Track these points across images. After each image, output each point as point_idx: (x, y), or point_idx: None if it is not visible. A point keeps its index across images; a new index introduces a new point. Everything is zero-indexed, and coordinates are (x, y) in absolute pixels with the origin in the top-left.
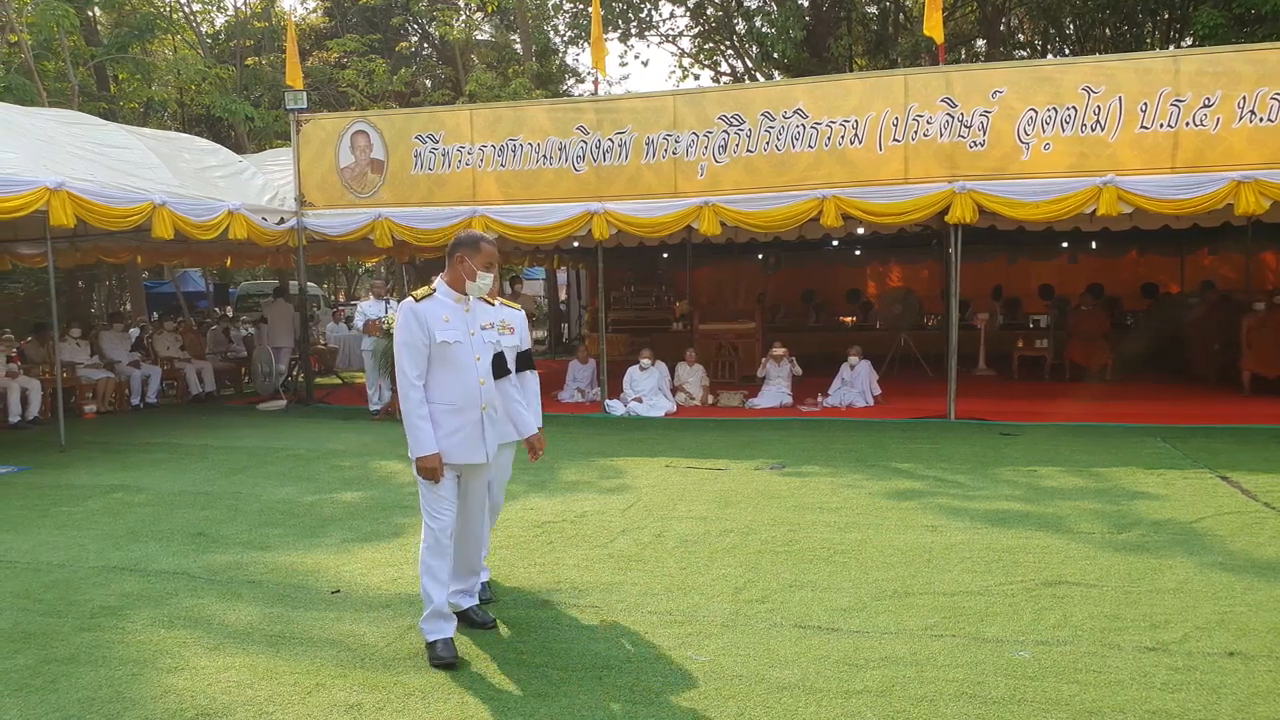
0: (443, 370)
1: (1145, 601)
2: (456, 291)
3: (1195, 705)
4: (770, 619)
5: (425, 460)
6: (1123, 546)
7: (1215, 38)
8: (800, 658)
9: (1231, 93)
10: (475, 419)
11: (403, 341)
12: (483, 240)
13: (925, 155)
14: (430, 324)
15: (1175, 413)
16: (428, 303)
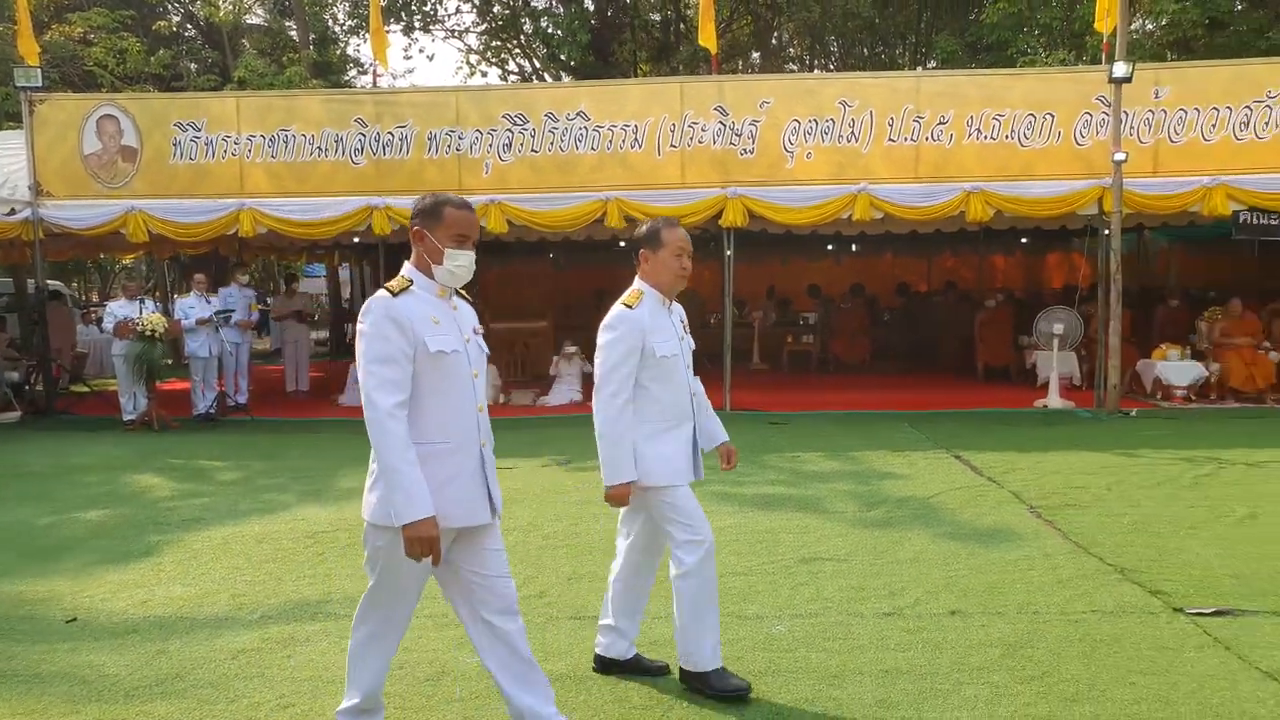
0: (432, 393)
1: (887, 572)
2: (430, 280)
3: (921, 661)
4: (548, 613)
5: (420, 528)
6: (871, 523)
7: (952, 62)
8: (574, 648)
9: (962, 112)
10: (474, 463)
11: (376, 357)
12: (448, 204)
13: (700, 161)
14: (416, 328)
15: (922, 400)
16: (408, 298)
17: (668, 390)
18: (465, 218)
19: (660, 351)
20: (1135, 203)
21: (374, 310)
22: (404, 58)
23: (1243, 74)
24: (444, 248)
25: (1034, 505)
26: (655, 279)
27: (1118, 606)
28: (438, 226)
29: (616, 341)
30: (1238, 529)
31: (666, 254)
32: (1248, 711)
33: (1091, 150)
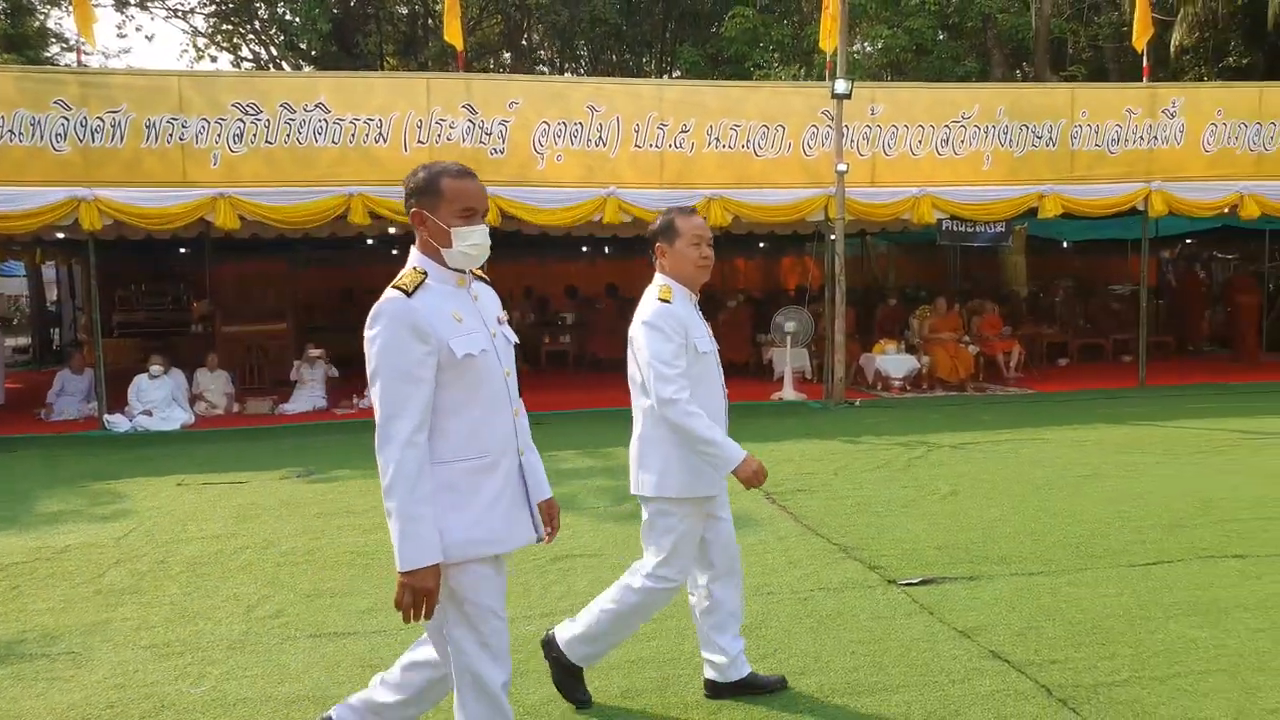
0: (463, 402)
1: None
2: (444, 268)
3: (666, 648)
4: (284, 633)
5: (422, 577)
6: (622, 517)
7: (695, 72)
8: (313, 668)
9: (703, 121)
10: (516, 476)
11: (393, 373)
12: (444, 175)
13: (449, 159)
14: (438, 330)
15: None
16: (425, 296)
17: (703, 390)
18: (468, 187)
19: (701, 347)
20: (856, 210)
21: (387, 316)
22: (118, 35)
23: (943, 96)
24: (449, 227)
25: (770, 492)
26: (676, 272)
27: (842, 582)
28: (438, 203)
29: (665, 338)
30: (941, 505)
31: (683, 244)
32: (945, 667)
33: (818, 161)
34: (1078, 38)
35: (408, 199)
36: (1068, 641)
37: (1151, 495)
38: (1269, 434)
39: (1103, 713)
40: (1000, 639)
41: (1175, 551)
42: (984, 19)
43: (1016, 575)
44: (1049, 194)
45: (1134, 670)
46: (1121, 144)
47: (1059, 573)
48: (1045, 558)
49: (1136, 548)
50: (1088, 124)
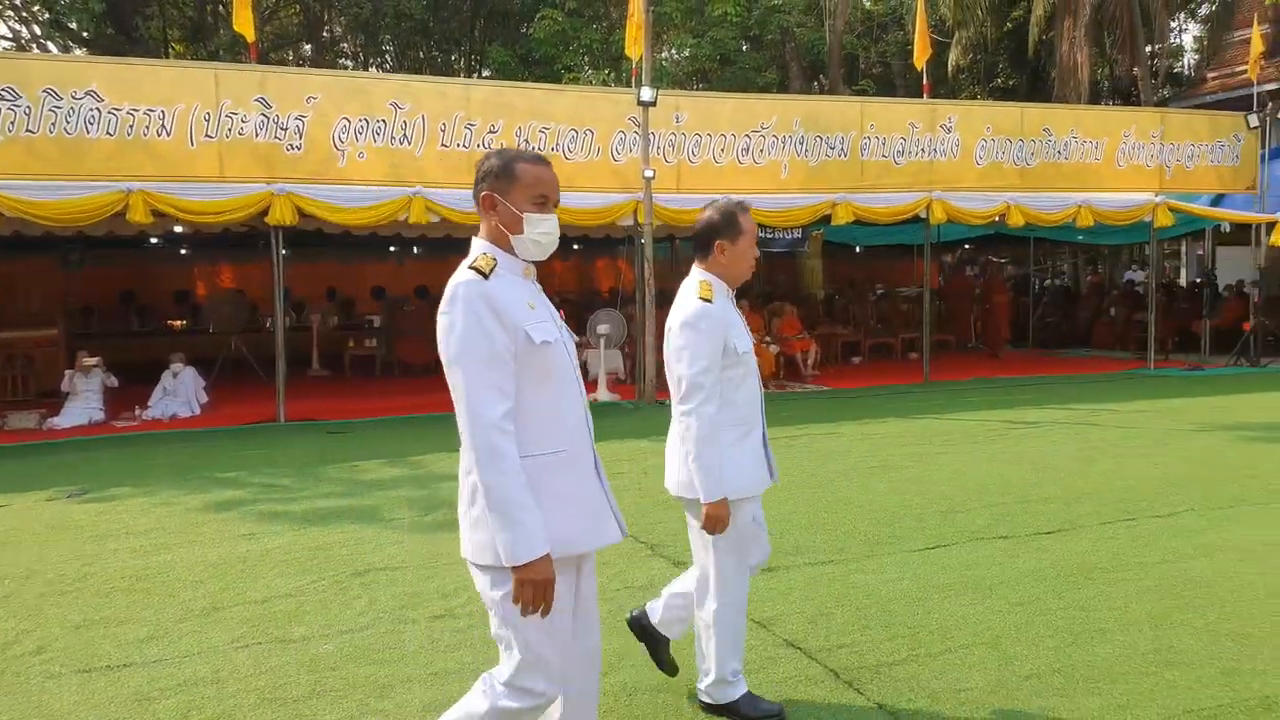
0: (539, 393)
1: (441, 575)
2: (511, 256)
3: (470, 658)
4: (47, 670)
5: (536, 569)
6: (427, 528)
7: (505, 72)
8: (81, 706)
9: (511, 122)
10: (592, 471)
11: (476, 356)
12: (520, 160)
13: (242, 154)
14: (515, 315)
15: None
16: (499, 280)
17: (743, 391)
18: (543, 174)
19: (741, 347)
20: (664, 215)
21: (465, 297)
22: None
23: (744, 106)
24: (522, 213)
25: None
26: (728, 270)
27: (647, 580)
28: (512, 188)
29: (701, 341)
30: None
31: (745, 243)
32: (746, 659)
33: (626, 166)
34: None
35: (479, 182)
36: (855, 626)
37: (933, 483)
38: (1030, 424)
39: (883, 691)
40: (794, 627)
41: (951, 535)
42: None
43: (810, 565)
44: (841, 202)
45: (912, 649)
46: (906, 156)
47: (849, 560)
48: (837, 547)
49: (918, 534)
50: (875, 136)
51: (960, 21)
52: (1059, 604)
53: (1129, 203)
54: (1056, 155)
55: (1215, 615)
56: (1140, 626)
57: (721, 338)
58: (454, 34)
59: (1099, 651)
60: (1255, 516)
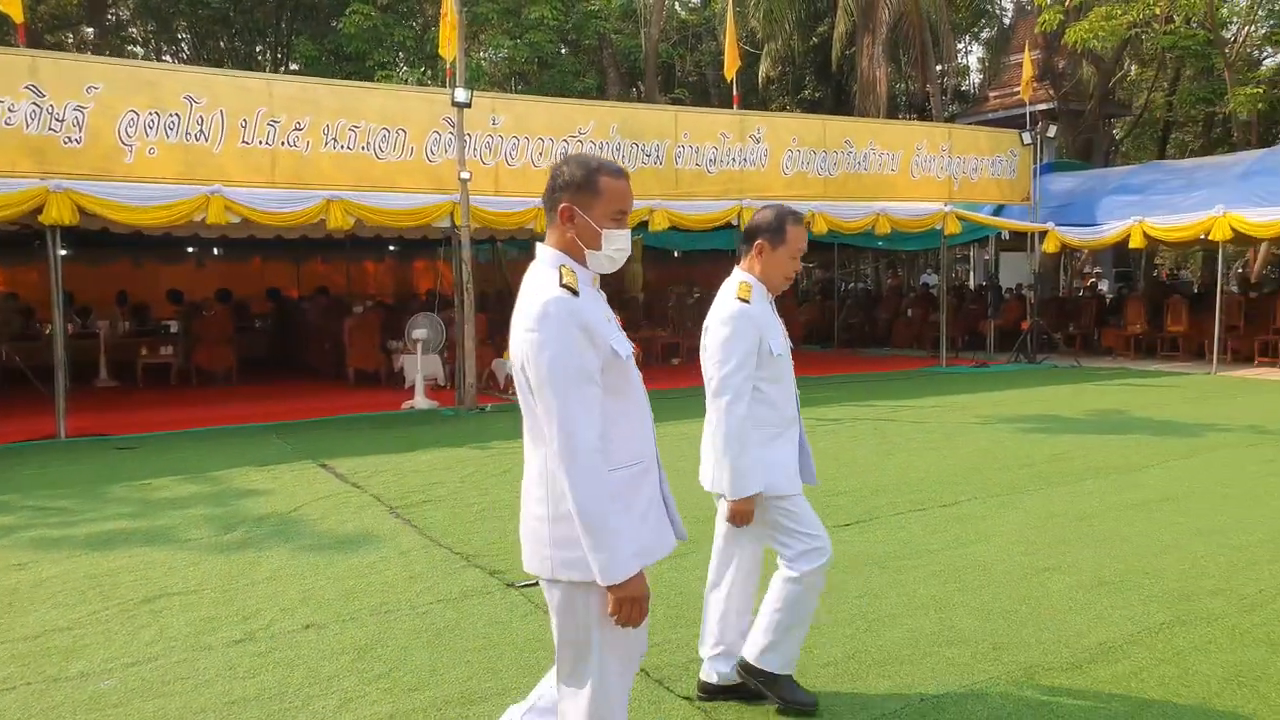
0: (621, 407)
1: (240, 597)
2: (584, 268)
3: (272, 683)
4: None
5: (632, 587)
6: (226, 547)
7: (314, 67)
8: None
9: (319, 120)
10: (659, 480)
11: (573, 376)
12: (603, 173)
13: (9, 147)
14: (600, 330)
15: (292, 409)
16: (583, 295)
17: (780, 391)
18: (625, 189)
19: (776, 349)
20: (482, 218)
21: (556, 316)
22: None
23: (560, 111)
24: (601, 228)
25: (395, 506)
26: (765, 273)
27: (461, 592)
28: (594, 202)
29: (735, 340)
30: None
31: (785, 254)
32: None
33: (442, 167)
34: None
35: (555, 192)
36: (667, 623)
37: None
38: (834, 420)
39: (692, 686)
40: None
41: None
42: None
43: None
44: (658, 208)
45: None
46: (718, 165)
47: (663, 560)
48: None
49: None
50: (689, 145)
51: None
52: (855, 593)
53: (922, 211)
54: (857, 166)
55: (990, 595)
56: (926, 610)
57: (756, 339)
58: (258, 25)
59: (889, 636)
60: (1027, 502)
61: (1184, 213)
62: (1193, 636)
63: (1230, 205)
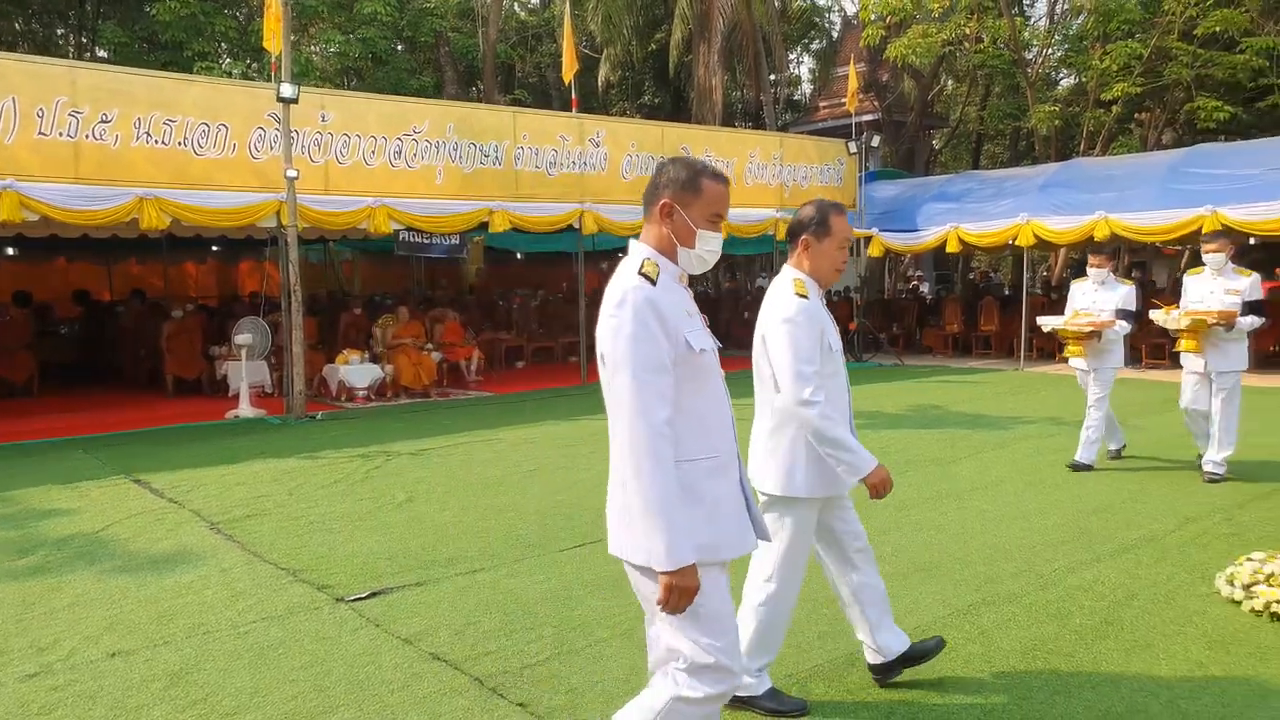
0: (697, 400)
1: (36, 626)
2: (672, 264)
3: (71, 718)
4: None
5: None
6: (21, 573)
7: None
8: None
9: (129, 112)
10: (738, 478)
11: (646, 363)
12: (705, 175)
13: None
14: (676, 322)
15: (102, 421)
16: (663, 287)
17: (835, 387)
18: (725, 194)
19: (835, 345)
20: (311, 218)
21: (634, 304)
22: None
23: (394, 109)
24: (697, 229)
25: (215, 521)
26: (814, 268)
27: (287, 609)
28: (694, 202)
29: (802, 335)
30: (397, 514)
31: (831, 245)
32: (386, 678)
33: (267, 164)
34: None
35: (659, 188)
36: (501, 631)
37: (585, 483)
38: None
39: (526, 691)
40: (441, 640)
41: (598, 532)
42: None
43: (461, 575)
44: (498, 210)
45: (556, 648)
46: (558, 167)
47: (500, 566)
48: (489, 553)
49: (567, 533)
50: (529, 146)
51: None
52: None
53: (755, 217)
54: None
55: (813, 587)
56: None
57: (819, 332)
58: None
59: None
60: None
61: (994, 219)
62: (995, 616)
63: (1032, 214)
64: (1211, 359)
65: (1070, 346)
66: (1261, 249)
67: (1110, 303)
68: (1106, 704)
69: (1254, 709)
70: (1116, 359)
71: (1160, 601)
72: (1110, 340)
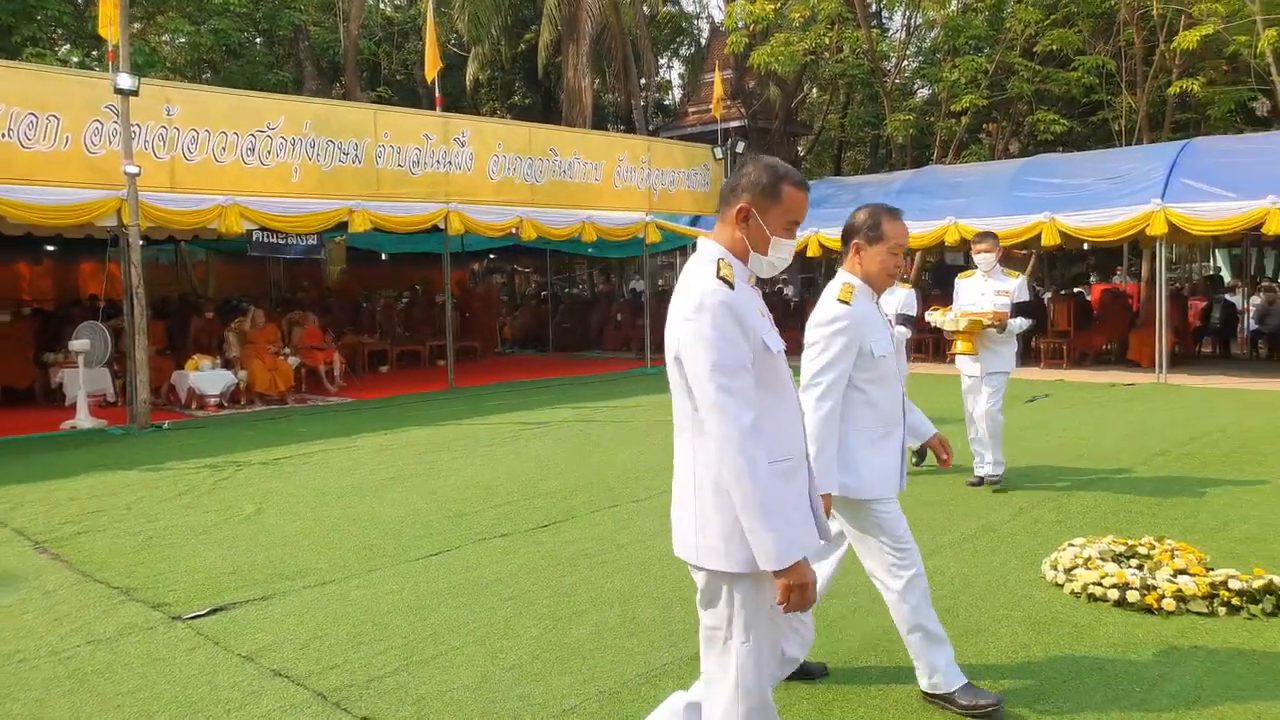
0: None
1: None
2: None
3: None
4: None
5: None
6: None
7: None
8: None
9: None
10: (807, 479)
11: (727, 366)
12: (788, 181)
13: None
14: (753, 323)
15: None
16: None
17: (883, 393)
18: (805, 202)
19: (878, 351)
20: (155, 216)
21: (712, 306)
22: None
23: (246, 104)
24: (772, 235)
25: (41, 540)
26: (865, 272)
27: (117, 630)
28: (772, 208)
29: (831, 340)
30: (244, 526)
31: (882, 250)
32: (223, 698)
33: (106, 159)
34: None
35: (738, 190)
36: (349, 644)
37: (445, 490)
38: (542, 423)
39: (371, 705)
40: (285, 656)
41: (456, 539)
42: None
43: (309, 587)
44: (358, 209)
45: (404, 658)
46: (422, 166)
47: (350, 577)
48: (339, 565)
49: (423, 541)
50: (390, 145)
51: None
52: (546, 593)
53: (625, 220)
54: (563, 174)
55: (671, 585)
56: (611, 604)
57: (855, 341)
58: None
59: (575, 633)
60: None
61: None
62: (841, 607)
63: None
64: (985, 360)
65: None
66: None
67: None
68: None
69: (1069, 685)
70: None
71: (993, 588)
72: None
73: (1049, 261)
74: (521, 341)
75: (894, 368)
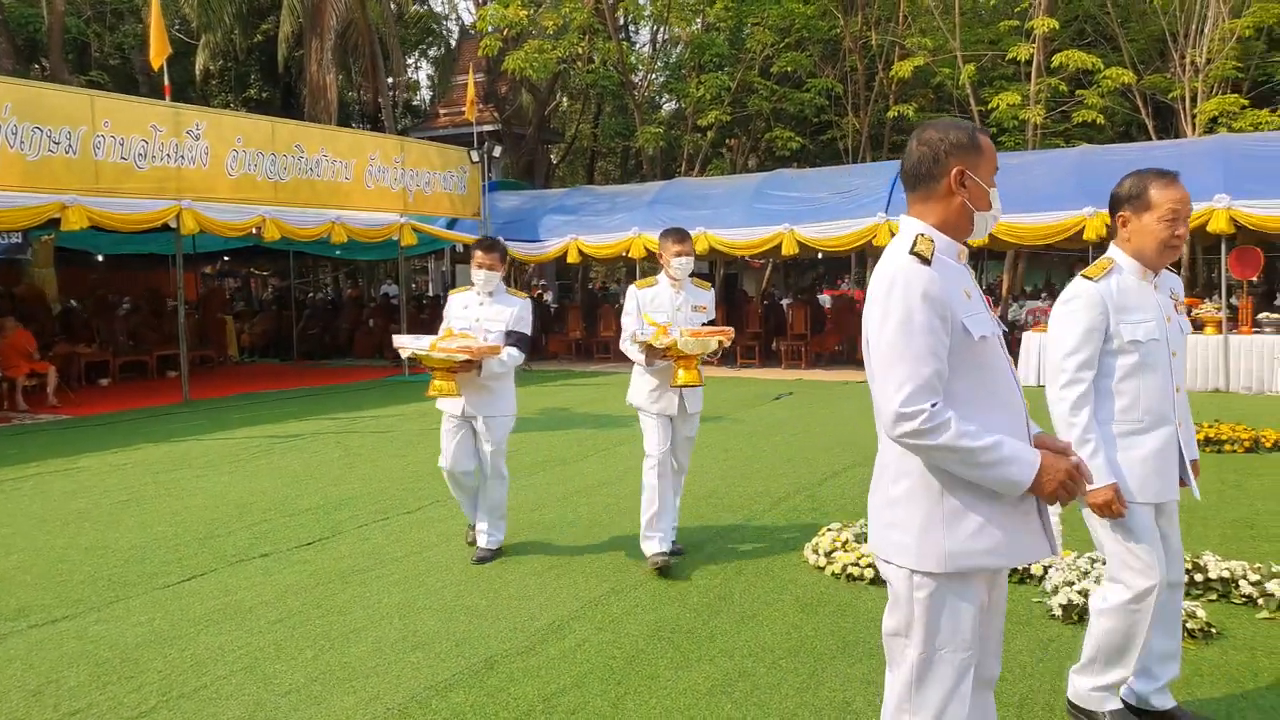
0: (974, 393)
1: None
2: (949, 239)
3: None
4: None
5: (1046, 478)
6: None
7: None
8: None
9: None
10: None
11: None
12: (977, 129)
13: None
14: (953, 305)
15: None
16: (939, 266)
17: (1143, 383)
18: (994, 147)
19: (1131, 335)
20: None
21: (904, 285)
22: None
23: None
24: (989, 188)
25: None
26: (1135, 247)
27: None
28: (980, 161)
29: (1070, 320)
30: None
31: (1152, 219)
32: None
33: None
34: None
35: (945, 156)
36: (92, 685)
37: (190, 511)
38: (294, 436)
39: None
40: (13, 706)
41: (209, 563)
42: None
43: (36, 627)
44: (72, 205)
45: (162, 694)
46: (149, 160)
47: (87, 612)
48: (72, 599)
49: (172, 567)
50: (111, 135)
51: (206, 25)
52: (318, 613)
53: (378, 222)
54: (309, 172)
55: (452, 595)
56: (390, 618)
57: (1099, 319)
58: None
59: (353, 651)
60: None
61: (609, 233)
62: (624, 603)
63: (643, 228)
64: None
65: (437, 381)
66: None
67: (498, 321)
68: (722, 673)
69: (838, 660)
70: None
71: (762, 574)
72: (497, 375)
73: (785, 270)
74: (262, 349)
75: (1164, 355)
